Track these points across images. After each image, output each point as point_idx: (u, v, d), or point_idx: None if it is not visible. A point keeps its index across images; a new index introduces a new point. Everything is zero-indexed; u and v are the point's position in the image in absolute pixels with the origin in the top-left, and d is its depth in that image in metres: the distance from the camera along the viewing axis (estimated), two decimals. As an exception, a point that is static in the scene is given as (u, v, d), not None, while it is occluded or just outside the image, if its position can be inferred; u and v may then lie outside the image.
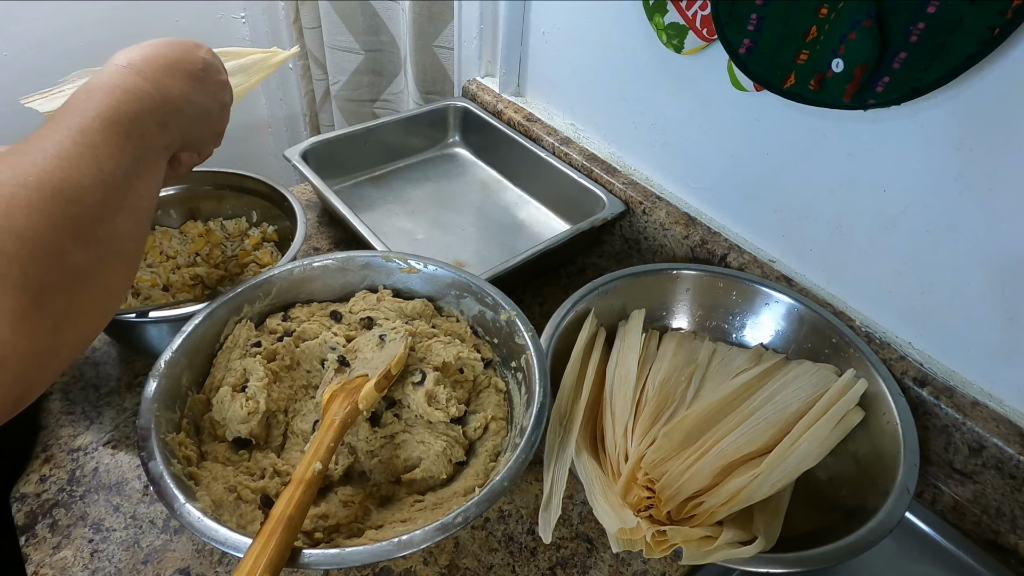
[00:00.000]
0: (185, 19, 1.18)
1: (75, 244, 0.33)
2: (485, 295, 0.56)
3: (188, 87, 0.43)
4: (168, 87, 0.41)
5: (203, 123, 0.45)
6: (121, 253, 0.36)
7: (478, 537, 0.52)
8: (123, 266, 0.37)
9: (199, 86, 0.44)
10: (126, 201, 0.36)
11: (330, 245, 0.79)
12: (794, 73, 0.54)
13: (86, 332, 0.36)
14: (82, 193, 0.33)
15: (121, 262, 0.37)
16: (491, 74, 0.99)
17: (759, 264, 0.68)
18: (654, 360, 0.60)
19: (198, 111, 0.44)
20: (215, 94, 0.46)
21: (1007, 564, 0.52)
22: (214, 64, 0.46)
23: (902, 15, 0.46)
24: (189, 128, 0.43)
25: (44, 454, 0.54)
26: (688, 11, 0.64)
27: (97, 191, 0.34)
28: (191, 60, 0.44)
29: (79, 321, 0.34)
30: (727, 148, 0.68)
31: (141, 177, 0.38)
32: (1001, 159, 0.48)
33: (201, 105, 0.44)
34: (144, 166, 0.38)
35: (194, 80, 0.43)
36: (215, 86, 0.46)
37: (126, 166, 0.36)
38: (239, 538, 0.38)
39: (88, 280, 0.34)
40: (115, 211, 0.36)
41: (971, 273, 0.53)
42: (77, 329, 0.34)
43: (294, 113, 1.42)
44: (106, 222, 0.35)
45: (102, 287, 0.35)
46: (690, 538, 0.44)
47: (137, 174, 0.37)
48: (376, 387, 0.48)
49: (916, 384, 0.56)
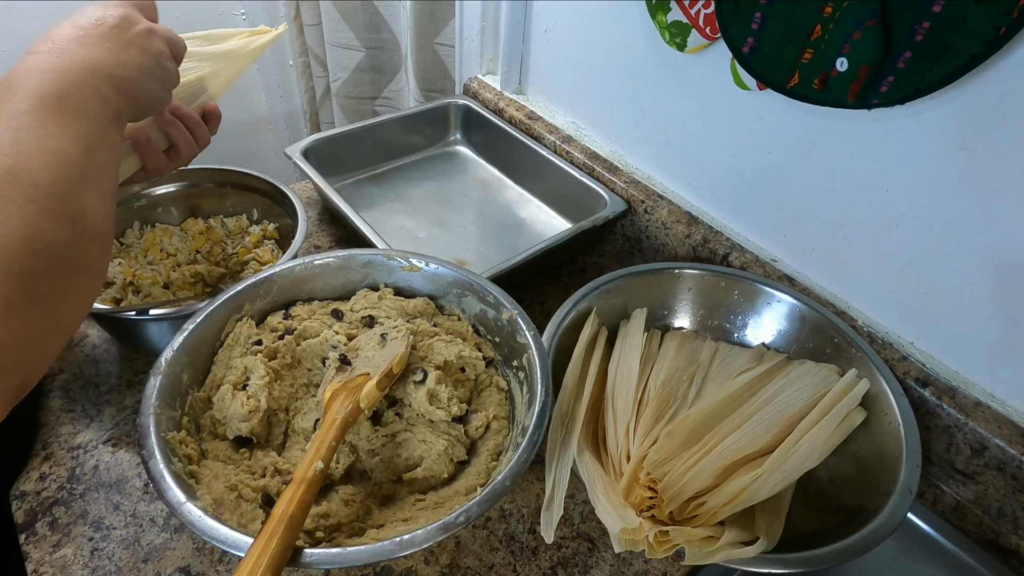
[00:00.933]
0: (185, 16, 1.17)
1: (48, 223, 0.32)
2: (487, 294, 0.56)
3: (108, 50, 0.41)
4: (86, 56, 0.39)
5: (144, 79, 0.43)
6: (94, 232, 0.36)
7: (479, 536, 0.52)
8: (98, 245, 0.37)
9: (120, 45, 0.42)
10: (87, 177, 0.36)
11: (331, 243, 0.79)
12: (798, 72, 0.54)
13: (74, 314, 0.36)
14: (36, 175, 0.32)
15: (95, 241, 0.36)
16: (492, 72, 0.99)
17: (761, 263, 0.68)
18: (656, 360, 0.60)
19: (131, 70, 0.42)
20: (141, 45, 0.43)
21: (1008, 565, 0.52)
22: (128, 16, 0.44)
23: (907, 14, 0.46)
24: (131, 89, 0.41)
25: (44, 452, 0.54)
26: (691, 9, 0.63)
27: (52, 169, 0.33)
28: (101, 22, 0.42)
29: (67, 303, 0.34)
30: (729, 147, 0.68)
31: (94, 152, 0.37)
32: (1005, 159, 0.48)
33: (131, 62, 0.42)
34: (94, 141, 0.37)
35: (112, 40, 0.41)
36: (138, 37, 0.43)
37: (71, 143, 0.35)
38: (240, 537, 0.38)
39: (67, 261, 0.34)
40: (77, 188, 0.35)
41: (974, 273, 0.53)
42: (66, 311, 0.35)
43: (294, 110, 1.42)
44: (70, 199, 0.34)
45: (82, 268, 0.35)
46: (692, 538, 0.44)
47: (88, 149, 0.36)
48: (378, 386, 0.48)
49: (918, 384, 0.56)
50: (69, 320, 0.36)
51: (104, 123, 0.39)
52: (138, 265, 0.65)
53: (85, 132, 0.37)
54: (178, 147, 0.52)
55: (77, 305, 0.36)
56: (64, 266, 0.33)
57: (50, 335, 0.34)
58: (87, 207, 0.35)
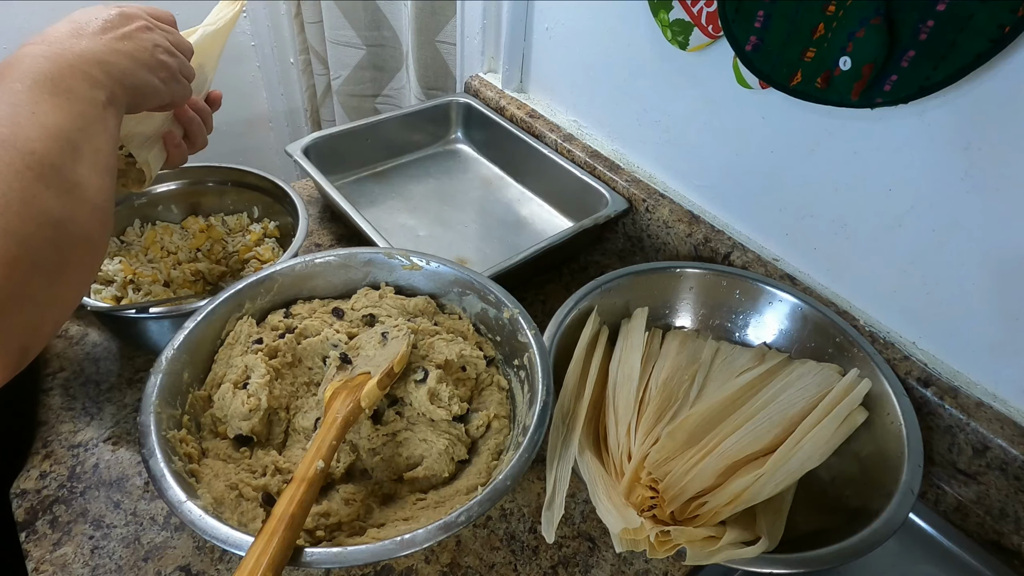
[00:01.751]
0: (184, 13, 1.16)
1: (45, 190, 0.33)
2: (488, 292, 0.56)
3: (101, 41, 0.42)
4: (77, 45, 0.40)
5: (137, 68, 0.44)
6: (93, 204, 0.36)
7: (480, 535, 0.52)
8: (98, 218, 0.37)
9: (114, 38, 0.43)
10: (81, 153, 0.36)
11: (332, 241, 0.78)
12: (801, 71, 0.54)
13: (73, 285, 0.36)
14: (32, 144, 0.33)
15: (95, 214, 0.37)
16: (494, 70, 0.99)
17: (763, 263, 0.67)
18: (657, 359, 0.60)
19: (123, 58, 0.43)
20: (135, 38, 0.45)
21: (1010, 565, 0.52)
22: (125, 13, 0.46)
23: (911, 13, 0.46)
24: (123, 77, 0.42)
25: (44, 450, 0.54)
26: (694, 7, 0.63)
27: (47, 140, 0.34)
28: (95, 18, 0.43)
29: (66, 272, 0.35)
30: (731, 146, 0.68)
31: (90, 133, 0.38)
32: (1008, 159, 0.48)
33: (123, 51, 0.43)
34: (89, 122, 0.38)
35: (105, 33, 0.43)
36: (134, 31, 0.45)
37: (67, 121, 0.36)
38: (241, 536, 0.38)
39: (67, 230, 0.34)
40: (74, 161, 0.35)
41: (977, 273, 0.53)
42: (64, 281, 0.35)
43: (295, 108, 1.41)
44: (68, 170, 0.35)
45: (81, 237, 0.35)
46: (694, 538, 0.44)
47: (84, 129, 0.37)
48: (378, 385, 0.48)
49: (920, 384, 0.56)
50: (69, 291, 0.36)
51: (97, 106, 0.40)
52: (139, 263, 0.65)
53: (78, 112, 0.38)
54: (195, 139, 0.55)
55: (76, 275, 0.36)
56: (61, 234, 0.34)
57: (50, 304, 0.34)
58: (83, 180, 0.36)
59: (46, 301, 0.34)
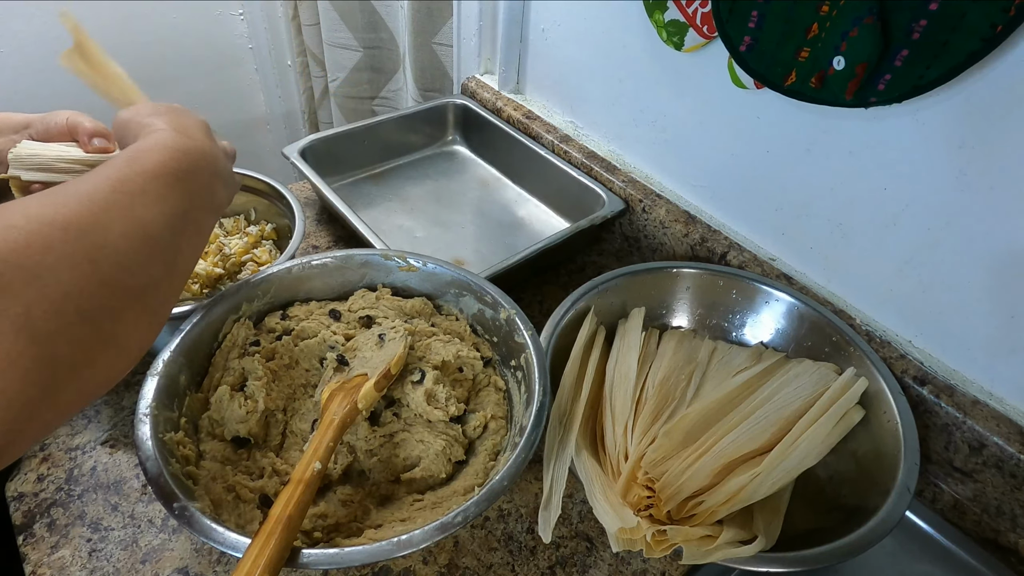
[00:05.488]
0: (182, 16, 1.17)
1: (97, 290, 0.30)
2: (484, 293, 0.56)
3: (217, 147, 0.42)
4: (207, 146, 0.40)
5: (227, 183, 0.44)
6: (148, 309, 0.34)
7: (477, 536, 0.52)
8: (146, 323, 0.34)
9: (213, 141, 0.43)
10: (162, 255, 0.34)
11: (329, 243, 0.78)
12: (795, 71, 0.54)
13: (89, 388, 0.32)
14: (111, 238, 0.31)
15: (145, 319, 0.34)
16: (490, 71, 0.99)
17: (759, 262, 0.68)
18: (654, 359, 0.60)
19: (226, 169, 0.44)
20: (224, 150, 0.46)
21: (1007, 563, 0.52)
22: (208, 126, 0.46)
23: (904, 12, 0.46)
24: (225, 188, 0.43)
25: (42, 453, 0.54)
26: (688, 8, 0.63)
27: (130, 239, 0.32)
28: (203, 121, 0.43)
29: (83, 375, 0.31)
30: (727, 146, 0.68)
31: (183, 233, 0.36)
32: (1003, 157, 0.48)
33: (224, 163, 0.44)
34: (188, 222, 0.36)
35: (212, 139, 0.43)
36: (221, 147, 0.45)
37: (166, 218, 0.34)
38: (238, 538, 0.38)
39: (102, 331, 0.31)
40: (148, 263, 0.33)
41: (972, 271, 0.53)
42: (79, 383, 0.31)
43: (292, 110, 1.42)
44: (135, 273, 0.32)
45: (117, 342, 0.32)
46: (690, 537, 0.44)
47: (179, 229, 0.35)
48: (375, 386, 0.48)
49: (916, 383, 0.56)
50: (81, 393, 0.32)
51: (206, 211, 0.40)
52: (136, 266, 0.65)
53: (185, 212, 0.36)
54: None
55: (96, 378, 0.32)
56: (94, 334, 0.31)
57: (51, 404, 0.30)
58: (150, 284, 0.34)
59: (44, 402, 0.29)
